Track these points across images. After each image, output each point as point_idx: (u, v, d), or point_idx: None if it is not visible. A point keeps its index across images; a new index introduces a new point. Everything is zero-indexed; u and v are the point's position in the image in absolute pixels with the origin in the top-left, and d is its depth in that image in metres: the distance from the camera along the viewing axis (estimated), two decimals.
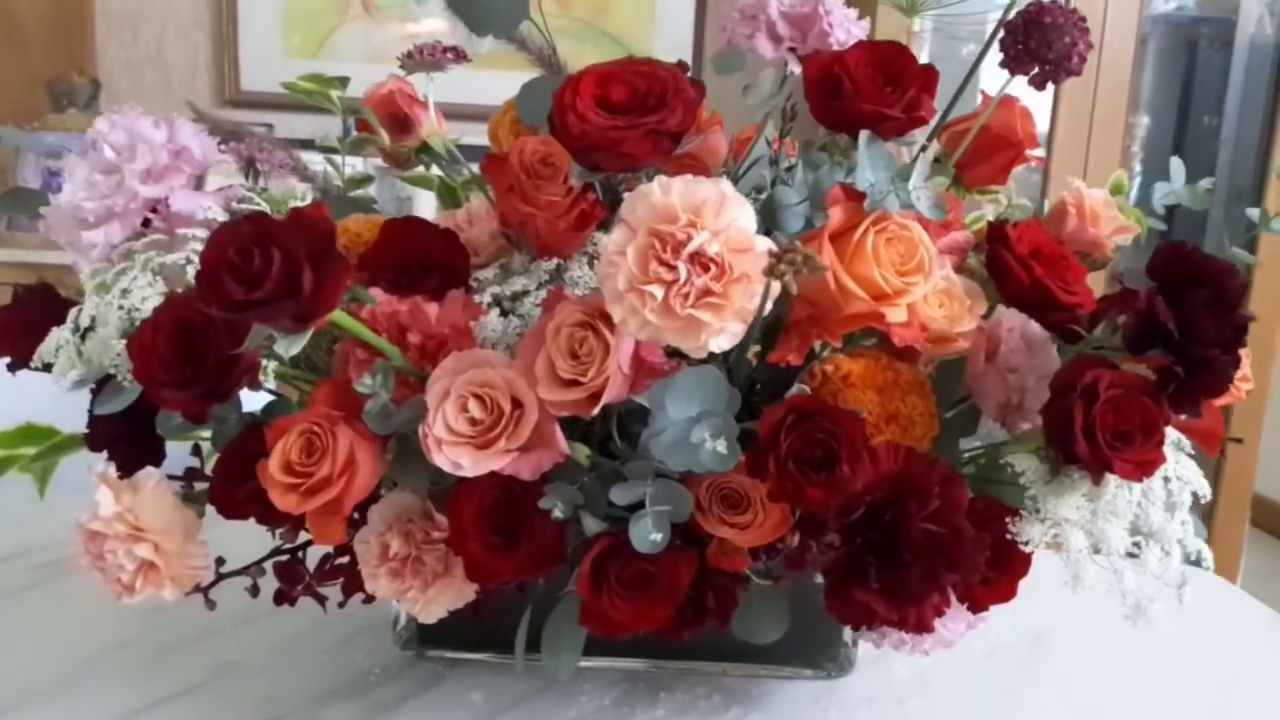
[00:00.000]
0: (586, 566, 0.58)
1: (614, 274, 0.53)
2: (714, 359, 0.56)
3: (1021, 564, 0.62)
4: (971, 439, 0.70)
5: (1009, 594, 0.63)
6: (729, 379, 0.56)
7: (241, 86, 2.77)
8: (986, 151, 0.73)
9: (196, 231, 0.65)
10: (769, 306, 0.54)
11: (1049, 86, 0.61)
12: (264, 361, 0.59)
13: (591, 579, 0.58)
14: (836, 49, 0.71)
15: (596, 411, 0.56)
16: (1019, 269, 0.64)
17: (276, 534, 0.68)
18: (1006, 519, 0.59)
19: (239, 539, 0.68)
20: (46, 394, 0.69)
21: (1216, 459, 0.67)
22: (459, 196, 0.83)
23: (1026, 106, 0.75)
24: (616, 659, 0.78)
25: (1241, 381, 0.60)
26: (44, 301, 0.69)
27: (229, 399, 0.57)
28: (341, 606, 0.70)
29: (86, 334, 0.63)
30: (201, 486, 0.67)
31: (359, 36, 2.78)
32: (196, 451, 0.69)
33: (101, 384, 0.66)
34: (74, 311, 0.65)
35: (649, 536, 0.56)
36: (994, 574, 0.60)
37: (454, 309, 0.63)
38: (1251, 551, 2.52)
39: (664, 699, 0.75)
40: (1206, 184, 0.76)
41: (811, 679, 0.78)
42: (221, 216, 0.67)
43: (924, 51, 0.62)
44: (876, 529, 0.54)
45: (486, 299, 0.65)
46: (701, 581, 0.61)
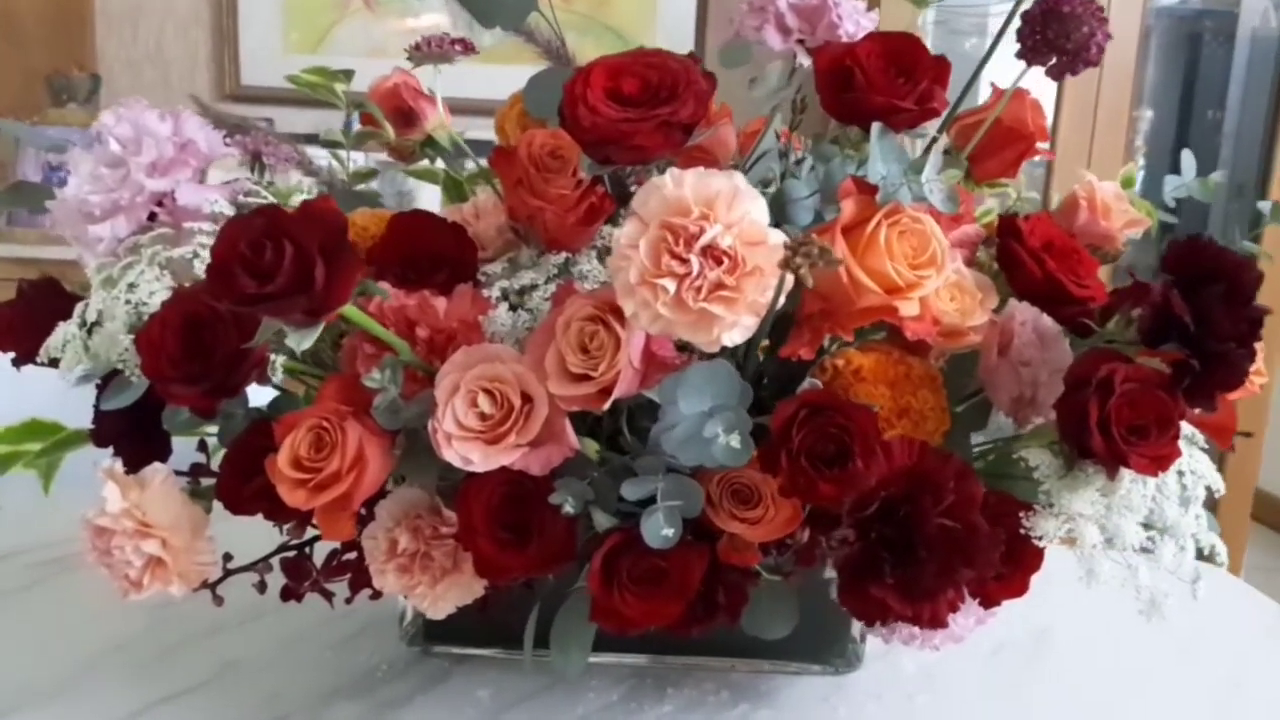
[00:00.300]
0: (597, 562, 0.58)
1: (626, 267, 0.52)
2: (723, 353, 0.56)
3: (1034, 559, 0.61)
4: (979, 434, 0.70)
5: (1021, 589, 0.62)
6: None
7: (241, 82, 2.76)
8: (997, 144, 0.72)
9: (203, 225, 0.65)
10: (781, 300, 0.54)
11: (1063, 78, 0.61)
12: (272, 356, 0.59)
13: (602, 575, 0.58)
14: (845, 41, 0.71)
15: (607, 406, 0.56)
16: (1031, 262, 0.64)
17: (283, 529, 0.68)
18: (1020, 514, 0.58)
19: (244, 534, 0.68)
20: (49, 389, 0.68)
21: (1220, 454, 0.67)
22: (464, 190, 0.83)
23: (1037, 99, 0.74)
24: (624, 655, 0.77)
25: (1255, 375, 0.60)
26: (48, 296, 0.69)
27: (238, 394, 0.57)
28: (349, 603, 0.70)
29: (93, 329, 0.63)
30: (208, 482, 0.67)
31: (359, 31, 2.77)
32: (202, 447, 0.69)
33: (107, 379, 0.65)
34: (80, 306, 0.64)
35: (661, 532, 0.56)
36: (1007, 569, 0.59)
37: (462, 303, 0.63)
38: (1253, 547, 2.52)
39: (671, 695, 0.75)
40: (1217, 177, 0.75)
41: (819, 675, 0.78)
42: (228, 210, 0.66)
43: (926, 46, 0.62)
44: (891, 524, 0.54)
45: (495, 293, 0.65)
46: (712, 577, 0.60)
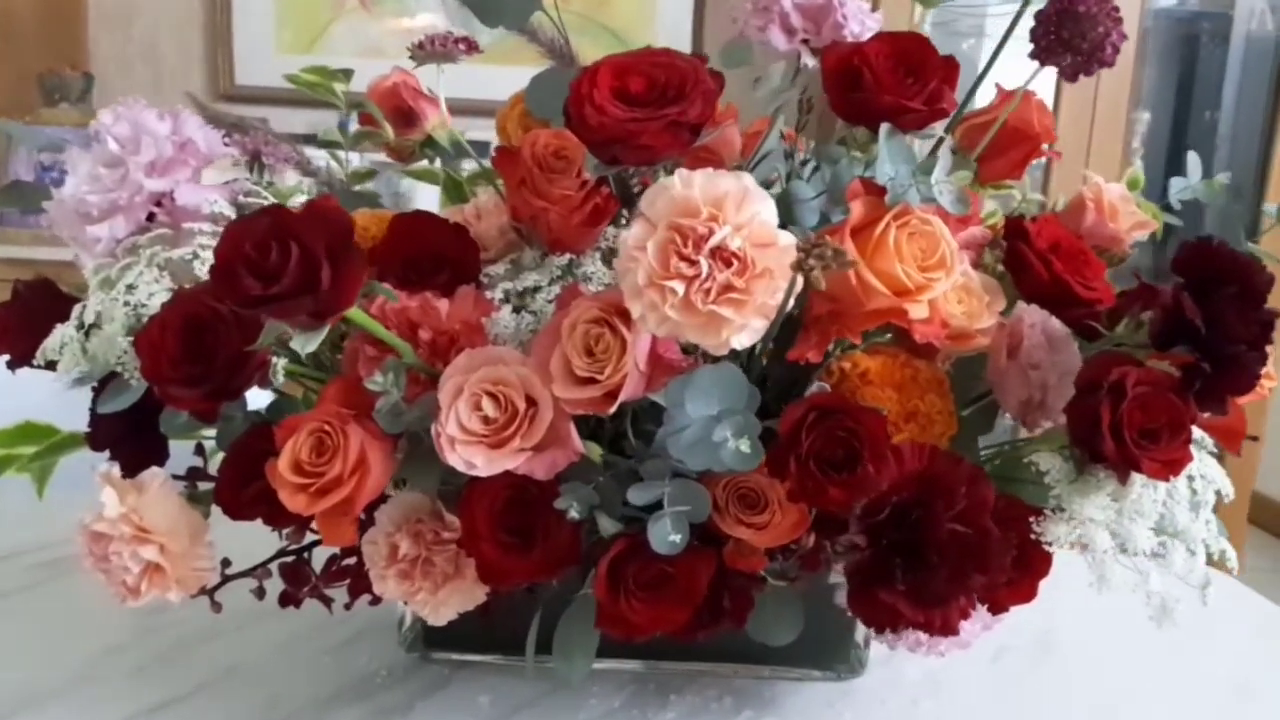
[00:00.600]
0: (604, 568, 0.57)
1: (633, 269, 0.52)
2: (730, 356, 0.55)
3: (1043, 564, 0.61)
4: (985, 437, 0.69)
5: (1030, 595, 0.62)
6: None
7: (235, 81, 2.75)
8: (1003, 145, 0.72)
9: (202, 226, 0.64)
10: (790, 302, 0.53)
11: (1076, 78, 0.60)
12: (274, 359, 0.58)
13: (609, 581, 0.57)
14: (851, 41, 0.70)
15: (613, 410, 0.55)
16: (1038, 264, 0.63)
17: (282, 534, 0.67)
18: (1030, 519, 0.58)
19: (241, 538, 0.67)
20: (43, 391, 0.67)
21: (1217, 457, 0.67)
22: (464, 191, 0.82)
23: (1043, 100, 0.74)
24: (625, 660, 0.77)
25: (1265, 379, 0.59)
26: (45, 298, 0.68)
27: (239, 397, 0.56)
28: (348, 608, 0.69)
29: (90, 331, 0.62)
30: (206, 486, 0.66)
31: (354, 31, 2.75)
32: (200, 450, 0.68)
33: (104, 382, 0.64)
34: (78, 308, 0.63)
35: (668, 538, 0.55)
36: (1016, 574, 0.59)
37: (465, 305, 0.62)
38: (1249, 549, 2.53)
39: (674, 701, 0.74)
40: (1223, 178, 0.75)
41: (823, 680, 0.78)
42: (228, 211, 0.65)
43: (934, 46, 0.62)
44: (902, 530, 0.53)
45: (498, 295, 0.64)
46: (718, 582, 0.60)
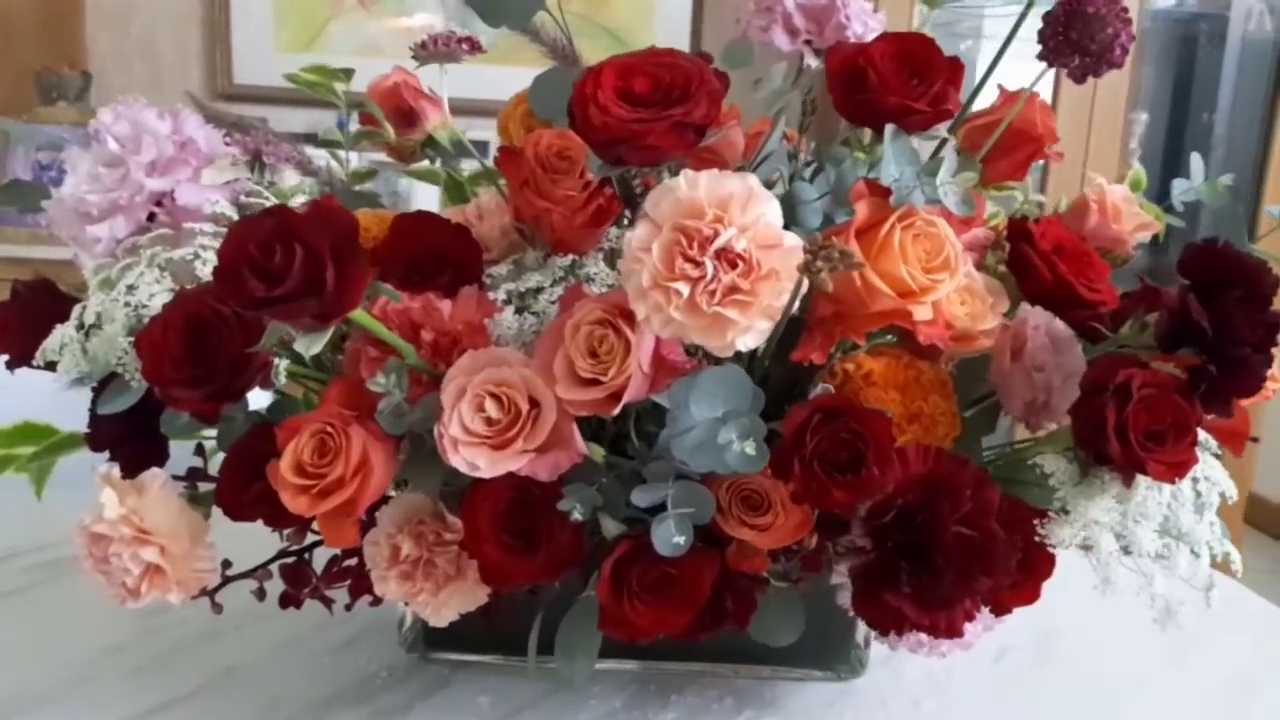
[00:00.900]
0: (607, 570, 0.57)
1: (638, 270, 0.51)
2: (732, 357, 0.55)
3: (1046, 566, 0.61)
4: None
5: (1033, 596, 0.62)
6: None
7: (234, 80, 2.74)
8: (1006, 147, 0.71)
9: (203, 226, 0.63)
10: (795, 304, 0.53)
11: (1085, 80, 0.60)
12: (276, 360, 0.57)
13: (612, 583, 0.57)
14: (854, 41, 0.70)
15: (617, 411, 0.55)
16: (1042, 266, 0.63)
17: (283, 535, 0.67)
18: (1035, 521, 0.58)
19: (239, 538, 0.67)
20: (41, 390, 0.67)
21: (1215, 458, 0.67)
22: (465, 191, 0.81)
23: (1045, 101, 0.73)
24: (626, 661, 0.76)
25: (1270, 380, 0.59)
26: (44, 298, 0.68)
27: (241, 399, 0.56)
28: (349, 609, 0.69)
29: (91, 331, 0.61)
30: (207, 487, 0.66)
31: (353, 29, 2.75)
32: (200, 451, 0.67)
33: (103, 382, 0.64)
34: (78, 308, 0.63)
35: (672, 540, 0.55)
36: (1020, 576, 0.58)
37: (467, 306, 0.62)
38: (1246, 550, 2.53)
39: (675, 702, 0.74)
40: (1226, 180, 0.75)
41: (823, 681, 0.77)
42: (229, 210, 0.65)
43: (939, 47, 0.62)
44: (907, 532, 0.53)
45: (500, 296, 0.64)
46: (720, 584, 0.60)
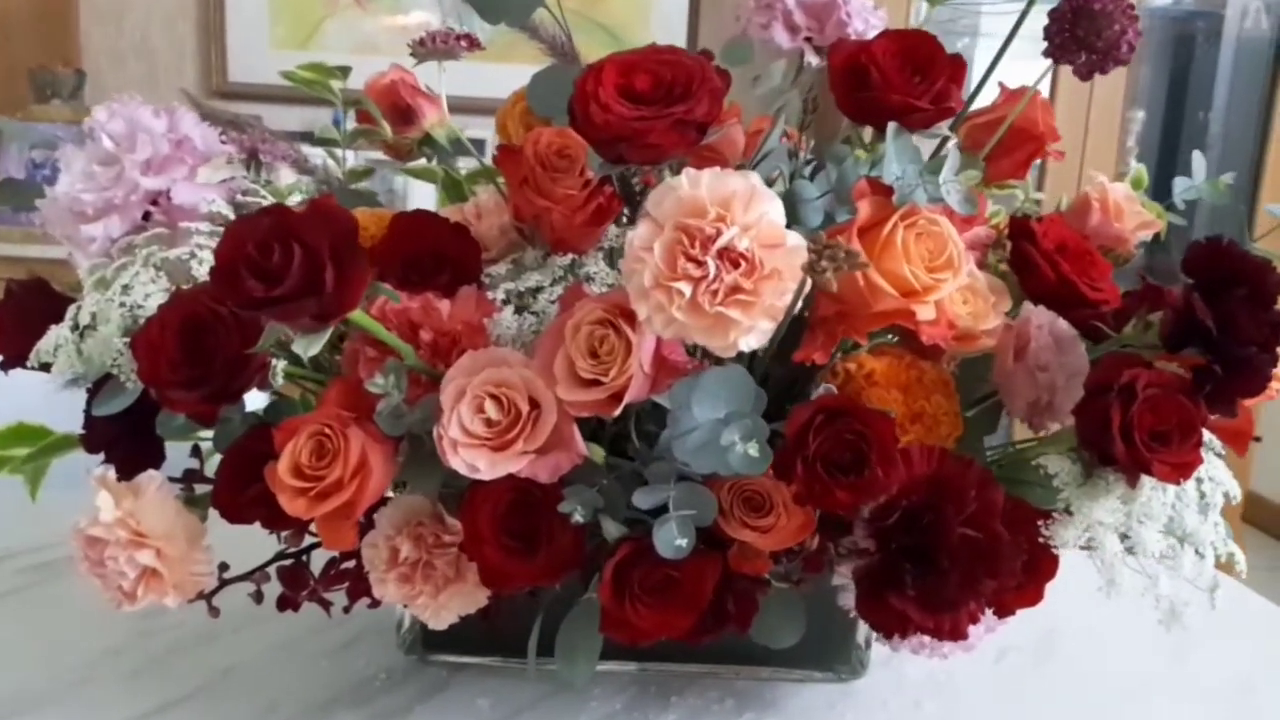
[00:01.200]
0: (609, 573, 0.57)
1: (640, 270, 0.51)
2: (735, 357, 0.54)
3: (1050, 567, 0.61)
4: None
5: (1037, 598, 0.61)
6: None
7: (229, 77, 2.73)
8: (1007, 145, 0.71)
9: (199, 225, 0.63)
10: (798, 304, 0.53)
11: (1091, 77, 0.59)
12: (274, 361, 0.57)
13: (614, 586, 0.57)
14: (855, 39, 0.69)
15: (618, 412, 0.54)
16: (1045, 265, 0.63)
17: (280, 537, 0.66)
18: (1039, 521, 0.57)
19: (236, 540, 0.66)
20: (35, 390, 0.66)
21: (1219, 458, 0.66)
22: (464, 190, 0.81)
23: (1046, 99, 0.73)
24: (626, 662, 0.76)
25: (1275, 379, 0.59)
26: (38, 297, 0.67)
27: (238, 400, 0.55)
28: (347, 611, 0.69)
29: (85, 332, 0.61)
30: (203, 489, 0.65)
31: (348, 27, 2.74)
32: (196, 453, 0.67)
33: (99, 383, 0.63)
34: (73, 309, 0.62)
35: (674, 542, 0.54)
36: (1024, 578, 0.58)
37: (467, 306, 0.61)
38: (1245, 549, 2.52)
39: (675, 703, 0.74)
40: (1228, 178, 0.75)
41: (824, 681, 0.77)
42: (225, 210, 0.64)
43: (942, 44, 0.62)
44: (912, 534, 0.53)
45: (500, 295, 0.63)
46: (722, 586, 0.59)
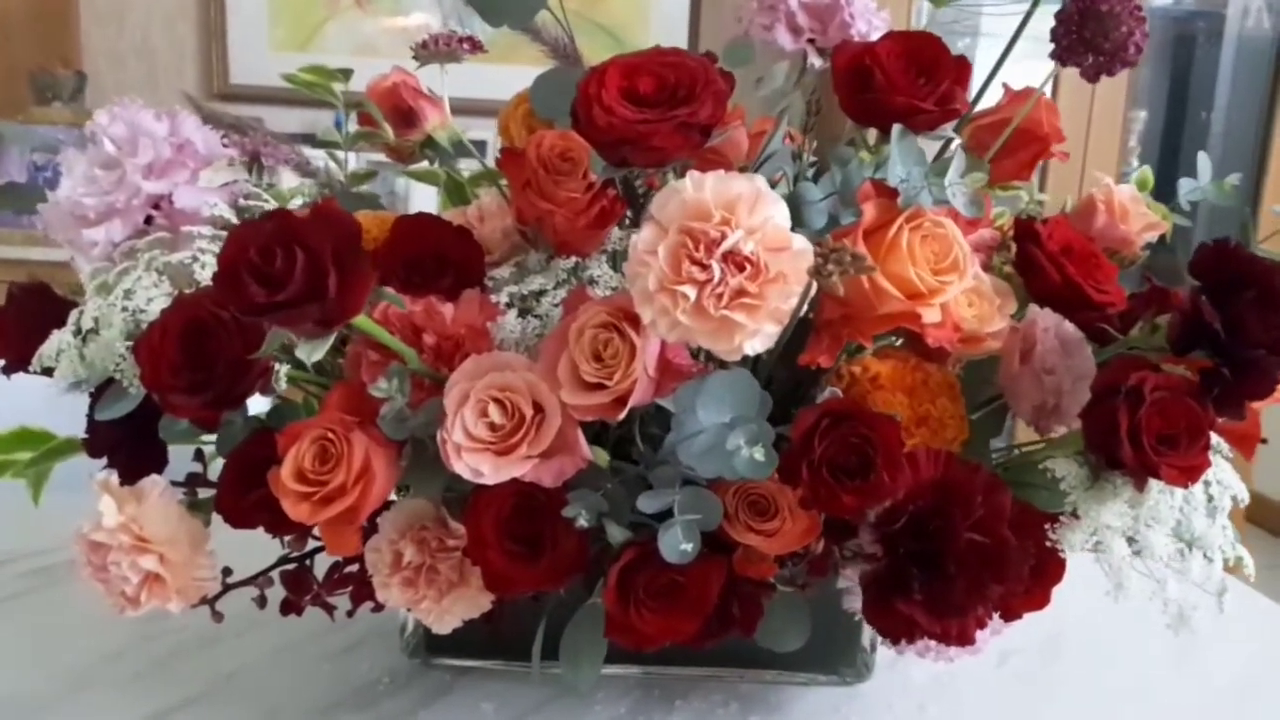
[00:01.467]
0: (613, 578, 0.56)
1: (644, 274, 0.51)
2: (739, 361, 0.54)
3: (1057, 571, 0.60)
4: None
5: (1043, 601, 0.61)
6: None
7: (230, 79, 2.73)
8: (1012, 146, 0.71)
9: (202, 229, 0.62)
10: (804, 307, 0.52)
11: (1098, 79, 0.59)
12: (276, 365, 0.57)
13: (618, 591, 0.56)
14: (858, 40, 0.69)
15: (623, 416, 0.54)
16: (1050, 267, 0.63)
17: (283, 541, 0.66)
18: (1046, 525, 0.57)
19: (239, 544, 0.66)
20: (37, 393, 0.66)
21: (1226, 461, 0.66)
22: (466, 192, 0.81)
23: (1051, 100, 0.73)
24: (630, 666, 0.76)
25: None
26: (40, 301, 0.67)
27: (241, 405, 0.55)
28: (350, 616, 0.68)
29: (88, 337, 0.61)
30: (206, 493, 0.65)
31: (348, 29, 2.74)
32: (199, 456, 0.67)
33: (101, 387, 0.63)
34: (75, 313, 0.62)
35: (679, 546, 0.54)
36: (1031, 582, 0.58)
37: (470, 309, 0.61)
38: (1248, 548, 2.52)
39: (680, 707, 0.74)
40: (1234, 179, 0.74)
41: (829, 685, 0.77)
42: (228, 213, 0.64)
43: (946, 45, 0.61)
44: (919, 539, 0.52)
45: (503, 299, 0.63)
46: (727, 590, 0.59)
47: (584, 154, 0.63)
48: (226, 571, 0.67)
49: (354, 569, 0.66)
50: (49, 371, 0.62)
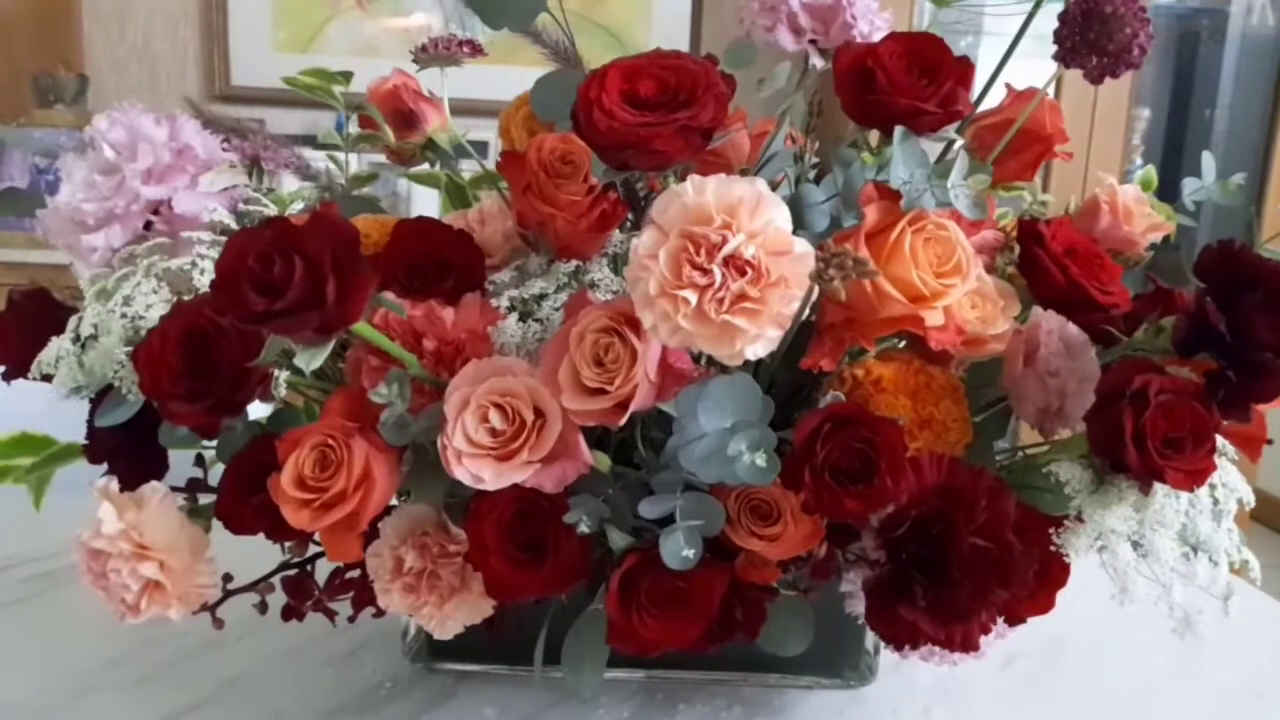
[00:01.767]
0: (615, 583, 0.56)
1: (645, 278, 0.50)
2: (741, 365, 0.54)
3: (1061, 574, 0.60)
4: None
5: (1048, 606, 0.61)
6: None
7: (231, 81, 2.73)
8: (1015, 147, 0.70)
9: (201, 235, 0.62)
10: (805, 311, 0.52)
11: (1102, 80, 0.59)
12: (276, 372, 0.56)
13: (620, 597, 0.56)
14: (860, 41, 0.69)
15: (624, 421, 0.54)
16: (1054, 268, 0.62)
17: (285, 547, 0.66)
18: (1050, 529, 0.57)
19: (240, 548, 0.66)
20: (38, 398, 0.66)
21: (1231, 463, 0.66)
22: (467, 195, 0.80)
23: (1055, 100, 0.72)
24: (633, 670, 0.76)
25: None
26: (40, 307, 0.67)
27: (241, 412, 0.55)
28: (352, 621, 0.68)
29: (87, 343, 0.60)
30: (207, 499, 0.65)
31: (350, 30, 2.74)
32: (199, 462, 0.66)
33: (102, 393, 0.63)
34: (74, 320, 0.62)
35: (681, 552, 0.54)
36: (1035, 586, 0.57)
37: (470, 313, 0.61)
38: (1252, 547, 2.51)
39: (683, 710, 0.73)
40: (1239, 179, 0.74)
41: (833, 688, 0.77)
42: (227, 219, 0.64)
43: (949, 46, 0.61)
44: (922, 544, 0.52)
45: (504, 303, 0.63)
46: (730, 595, 0.59)
47: (585, 157, 0.63)
48: (227, 578, 0.66)
49: (355, 574, 0.66)
50: (49, 378, 0.62)
